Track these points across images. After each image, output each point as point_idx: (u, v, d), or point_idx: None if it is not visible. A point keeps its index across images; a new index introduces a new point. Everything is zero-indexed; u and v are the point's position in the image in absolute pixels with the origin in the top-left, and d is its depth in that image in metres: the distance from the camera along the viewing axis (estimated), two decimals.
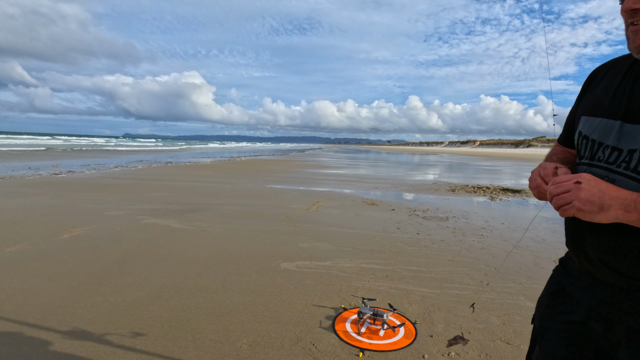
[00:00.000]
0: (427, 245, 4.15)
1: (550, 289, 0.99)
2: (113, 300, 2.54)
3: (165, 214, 5.40)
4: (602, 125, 0.80)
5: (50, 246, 3.70)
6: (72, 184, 8.32)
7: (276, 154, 33.27)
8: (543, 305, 0.99)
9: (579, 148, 0.88)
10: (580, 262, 0.86)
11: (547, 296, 0.99)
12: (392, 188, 9.60)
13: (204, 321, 2.31)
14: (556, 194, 0.73)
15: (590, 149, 0.82)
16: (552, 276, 1.01)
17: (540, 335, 0.99)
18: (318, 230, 4.71)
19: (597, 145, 0.80)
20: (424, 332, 2.26)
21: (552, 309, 0.94)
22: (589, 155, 0.82)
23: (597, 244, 0.77)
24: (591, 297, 0.83)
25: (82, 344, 2.00)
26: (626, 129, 0.75)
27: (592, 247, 0.79)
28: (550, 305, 0.95)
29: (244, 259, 3.53)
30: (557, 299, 0.94)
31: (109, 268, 3.16)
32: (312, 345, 2.08)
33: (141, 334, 2.13)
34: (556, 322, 0.92)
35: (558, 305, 0.93)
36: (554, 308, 0.94)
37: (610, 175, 0.76)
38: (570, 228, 0.87)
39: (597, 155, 0.80)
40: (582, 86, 0.95)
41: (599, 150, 0.80)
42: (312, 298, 2.70)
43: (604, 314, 0.79)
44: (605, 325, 0.80)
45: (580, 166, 0.85)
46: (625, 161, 0.73)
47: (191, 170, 12.90)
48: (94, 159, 17.60)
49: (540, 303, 1.01)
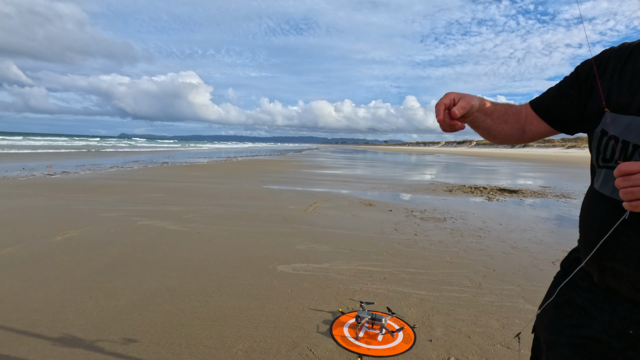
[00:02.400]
0: (425, 247, 4.12)
1: (556, 300, 0.91)
2: (105, 305, 2.49)
3: (160, 215, 5.33)
4: (637, 124, 0.70)
5: (42, 249, 3.63)
6: (67, 184, 8.22)
7: (273, 154, 33.19)
8: (549, 317, 0.93)
9: (601, 149, 0.78)
10: (601, 276, 0.78)
11: (553, 308, 0.92)
12: (390, 188, 9.57)
13: (199, 326, 2.26)
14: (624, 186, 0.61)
15: (622, 151, 0.72)
16: (555, 284, 0.94)
17: (547, 349, 0.92)
18: (315, 231, 4.67)
19: (633, 147, 0.70)
20: (423, 336, 2.23)
21: (560, 321, 0.88)
22: (622, 157, 0.72)
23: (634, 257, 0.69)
24: (610, 313, 0.77)
25: (72, 351, 1.94)
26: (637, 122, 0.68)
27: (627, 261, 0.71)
28: (558, 317, 0.89)
29: (240, 261, 3.48)
30: (565, 311, 0.87)
31: (102, 271, 3.10)
32: (309, 350, 2.04)
33: (134, 340, 2.07)
34: (566, 335, 0.86)
35: (567, 318, 0.86)
36: (563, 321, 0.87)
37: None
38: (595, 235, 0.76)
39: (635, 158, 0.70)
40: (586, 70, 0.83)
41: (635, 153, 0.70)
42: (309, 302, 2.65)
43: (627, 331, 0.74)
44: (627, 343, 0.74)
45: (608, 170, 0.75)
46: None
47: (187, 171, 12.82)
48: (89, 159, 17.44)
49: (546, 314, 0.95)
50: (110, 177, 10.11)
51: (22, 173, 10.34)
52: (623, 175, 0.61)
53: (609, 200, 0.74)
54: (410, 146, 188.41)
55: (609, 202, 0.74)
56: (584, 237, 0.82)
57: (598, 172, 0.79)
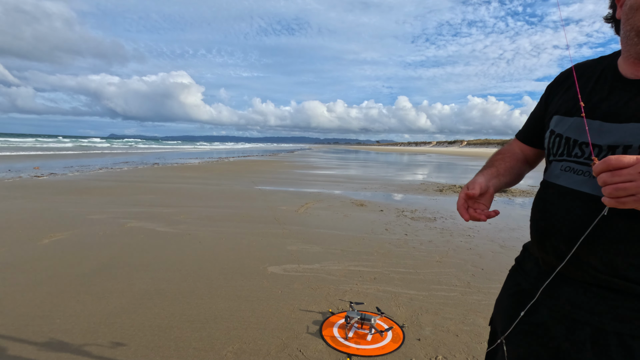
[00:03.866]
0: (415, 247, 4.16)
1: (509, 290, 0.97)
2: (93, 309, 2.46)
3: (150, 217, 5.29)
4: (578, 124, 0.80)
5: (28, 252, 3.57)
6: (55, 186, 8.09)
7: (265, 155, 33.08)
8: (503, 307, 0.97)
9: (550, 146, 0.87)
10: (547, 257, 0.83)
11: (507, 298, 0.97)
12: (381, 188, 9.62)
13: (188, 329, 2.25)
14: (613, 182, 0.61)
15: (565, 146, 0.82)
16: (510, 276, 1.00)
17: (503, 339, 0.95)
18: (306, 232, 4.67)
19: (573, 142, 0.81)
20: (412, 335, 2.25)
21: (513, 311, 0.91)
22: (565, 152, 0.82)
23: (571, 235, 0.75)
24: (555, 297, 0.81)
25: (58, 356, 1.92)
26: (605, 127, 0.75)
27: (566, 239, 0.76)
28: (511, 307, 0.93)
29: (230, 263, 3.47)
30: (517, 300, 0.92)
31: (90, 275, 3.06)
32: (298, 351, 2.04)
33: (122, 343, 2.06)
34: (519, 323, 0.89)
35: (519, 307, 0.89)
36: (515, 310, 0.90)
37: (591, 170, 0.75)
38: (543, 220, 0.83)
39: (574, 152, 0.80)
40: (549, 87, 0.97)
41: (575, 147, 0.80)
42: (299, 302, 2.66)
43: (568, 314, 0.78)
44: (568, 325, 0.78)
45: (555, 162, 0.85)
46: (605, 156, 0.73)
47: (178, 172, 12.71)
48: (78, 161, 17.18)
49: (500, 305, 1.00)
50: (100, 178, 9.98)
51: (8, 175, 10.15)
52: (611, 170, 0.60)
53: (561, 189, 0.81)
54: (402, 146, 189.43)
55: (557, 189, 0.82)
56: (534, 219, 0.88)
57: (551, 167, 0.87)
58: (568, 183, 0.79)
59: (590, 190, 0.74)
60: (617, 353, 0.71)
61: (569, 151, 0.81)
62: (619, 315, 0.71)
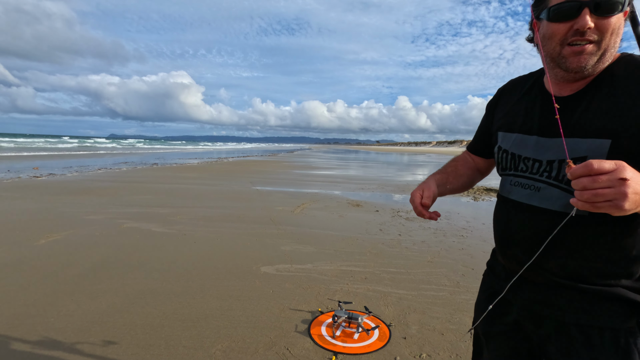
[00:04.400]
0: (408, 247, 4.20)
1: (485, 294, 1.04)
2: (87, 308, 2.51)
3: (146, 217, 5.33)
4: (519, 140, 0.88)
5: (25, 252, 3.62)
6: (53, 187, 8.15)
7: (264, 155, 33.14)
8: (481, 310, 1.02)
9: (499, 161, 0.95)
10: (510, 264, 0.90)
11: (483, 301, 1.03)
12: (378, 189, 9.67)
13: (179, 327, 2.30)
14: (593, 188, 0.60)
15: (512, 161, 0.90)
16: (484, 281, 1.07)
17: (485, 340, 1.04)
18: (301, 232, 4.72)
19: (517, 157, 0.88)
20: (398, 334, 2.30)
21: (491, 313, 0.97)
22: (512, 166, 0.90)
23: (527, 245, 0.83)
24: (522, 297, 0.89)
25: (50, 354, 1.97)
26: (542, 142, 0.82)
27: (523, 249, 0.84)
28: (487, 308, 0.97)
29: (224, 263, 3.52)
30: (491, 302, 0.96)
31: (85, 274, 3.11)
32: (286, 349, 2.09)
33: (113, 342, 2.11)
34: (497, 324, 0.98)
35: (494, 308, 0.96)
36: (492, 312, 0.97)
37: (536, 184, 0.83)
38: (502, 232, 0.92)
39: (520, 167, 0.87)
40: (489, 104, 1.06)
41: (520, 162, 0.87)
42: (289, 302, 2.71)
43: (535, 311, 0.86)
44: (536, 322, 0.86)
45: (506, 177, 0.93)
46: (547, 171, 0.81)
47: (177, 172, 12.76)
48: (77, 161, 17.24)
49: (478, 308, 1.06)
50: (98, 179, 10.03)
51: (7, 175, 10.20)
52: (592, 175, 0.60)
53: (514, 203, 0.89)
54: (402, 146, 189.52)
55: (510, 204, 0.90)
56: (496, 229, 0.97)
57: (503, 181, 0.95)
58: (518, 197, 0.87)
59: (537, 203, 0.82)
60: (578, 342, 0.79)
61: (515, 166, 0.89)
62: (577, 309, 0.79)
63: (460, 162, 1.15)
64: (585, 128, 0.74)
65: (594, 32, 0.72)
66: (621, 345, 0.76)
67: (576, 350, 0.79)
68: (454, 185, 1.09)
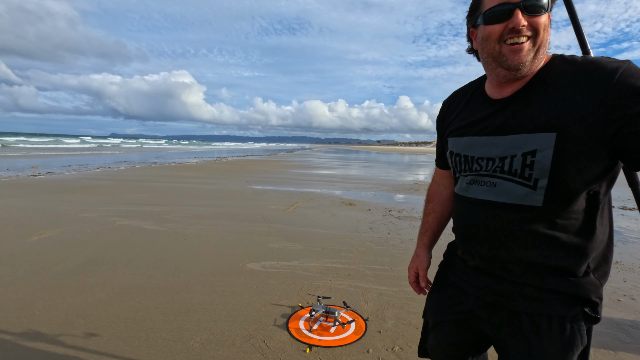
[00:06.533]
0: (395, 245, 4.25)
1: (441, 284, 1.10)
2: (72, 302, 2.57)
3: (140, 215, 5.40)
4: (470, 142, 0.93)
5: (16, 249, 3.69)
6: (50, 185, 8.23)
7: (264, 154, 33.22)
8: (434, 300, 1.11)
9: (454, 165, 1.01)
10: (468, 258, 0.97)
11: (437, 291, 1.10)
12: (373, 188, 9.72)
13: (161, 321, 2.36)
14: None
15: (465, 163, 0.95)
16: (440, 271, 1.13)
17: (433, 327, 1.11)
18: (291, 230, 4.78)
19: (470, 158, 0.93)
20: (374, 328, 2.35)
21: (443, 302, 1.07)
22: (467, 168, 0.95)
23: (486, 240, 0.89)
24: (478, 288, 0.95)
25: (33, 345, 2.03)
26: (492, 141, 0.88)
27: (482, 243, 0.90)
28: (442, 299, 1.08)
29: (211, 259, 3.58)
30: (447, 293, 1.06)
31: (73, 270, 3.18)
32: (262, 342, 2.15)
33: (95, 334, 2.17)
34: (448, 314, 1.05)
35: (448, 298, 1.06)
36: (445, 302, 1.07)
37: (492, 180, 0.88)
38: (463, 229, 0.97)
39: (474, 167, 0.92)
40: (438, 118, 1.13)
41: (473, 162, 0.92)
42: (271, 297, 2.77)
43: (490, 301, 0.92)
44: (490, 311, 0.93)
45: (463, 177, 0.97)
46: (499, 166, 0.86)
47: (174, 171, 12.84)
48: (76, 159, 17.34)
49: (431, 298, 1.13)
50: (96, 177, 10.11)
51: (6, 174, 10.29)
52: None
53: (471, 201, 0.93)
54: (402, 146, 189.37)
55: (468, 201, 0.94)
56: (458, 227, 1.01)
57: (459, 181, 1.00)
58: (476, 195, 0.91)
59: (494, 198, 0.87)
60: (527, 329, 0.86)
61: (470, 167, 0.93)
62: (528, 299, 0.85)
63: (435, 200, 1.21)
64: (530, 123, 0.80)
65: (528, 29, 0.79)
66: (567, 331, 0.83)
67: (525, 337, 0.86)
68: (443, 228, 1.23)
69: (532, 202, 0.80)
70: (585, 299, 0.82)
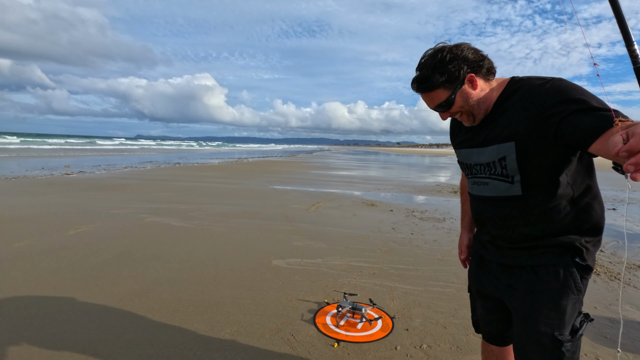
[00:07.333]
0: (419, 245, 4.22)
1: (474, 261, 1.36)
2: (109, 292, 2.70)
3: (167, 213, 5.58)
4: (467, 153, 1.21)
5: (55, 241, 3.90)
6: (82, 183, 8.61)
7: (284, 155, 33.51)
8: (473, 274, 1.35)
9: (462, 170, 1.31)
10: (486, 237, 1.25)
11: (474, 266, 1.35)
12: (394, 189, 9.65)
13: (192, 312, 2.44)
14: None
15: (467, 169, 1.23)
16: (473, 247, 1.39)
17: (479, 297, 1.34)
18: (314, 229, 4.82)
19: (469, 165, 1.21)
20: (401, 325, 2.36)
21: (478, 271, 1.32)
22: (469, 172, 1.22)
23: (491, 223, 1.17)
24: (495, 257, 1.21)
25: (74, 329, 2.15)
26: (480, 151, 1.14)
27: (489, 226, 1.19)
28: (478, 272, 1.32)
29: (237, 255, 3.66)
30: (479, 265, 1.31)
31: (108, 262, 3.33)
32: (291, 335, 2.19)
33: (132, 323, 2.27)
34: (484, 284, 1.29)
35: (480, 267, 1.31)
36: (478, 269, 1.32)
37: (485, 180, 1.14)
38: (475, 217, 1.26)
39: (473, 171, 1.19)
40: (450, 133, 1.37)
41: (472, 168, 1.20)
42: (297, 293, 2.81)
43: (504, 264, 1.18)
44: (505, 272, 1.18)
45: (469, 179, 1.24)
46: (488, 170, 1.12)
47: (198, 171, 13.16)
48: (105, 159, 18.04)
49: (471, 273, 1.37)
50: (124, 176, 10.50)
51: (41, 172, 10.84)
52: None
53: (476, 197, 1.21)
54: (423, 148, 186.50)
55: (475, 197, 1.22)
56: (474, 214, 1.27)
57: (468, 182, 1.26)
58: (478, 192, 1.19)
59: (489, 193, 1.14)
60: (531, 277, 1.10)
61: (470, 171, 1.21)
62: (529, 258, 1.10)
63: (466, 191, 1.43)
64: (497, 137, 1.06)
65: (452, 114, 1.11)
66: (560, 275, 1.05)
67: (530, 283, 1.10)
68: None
69: (514, 192, 1.06)
70: (571, 247, 1.04)
